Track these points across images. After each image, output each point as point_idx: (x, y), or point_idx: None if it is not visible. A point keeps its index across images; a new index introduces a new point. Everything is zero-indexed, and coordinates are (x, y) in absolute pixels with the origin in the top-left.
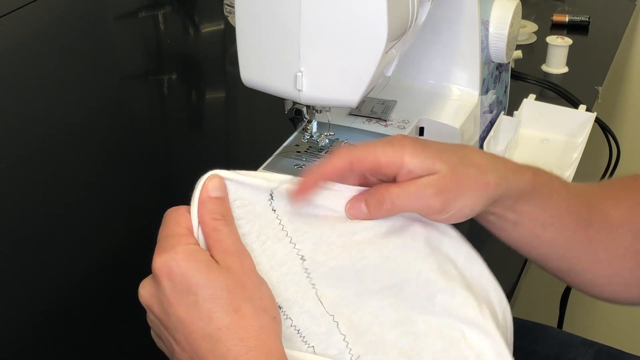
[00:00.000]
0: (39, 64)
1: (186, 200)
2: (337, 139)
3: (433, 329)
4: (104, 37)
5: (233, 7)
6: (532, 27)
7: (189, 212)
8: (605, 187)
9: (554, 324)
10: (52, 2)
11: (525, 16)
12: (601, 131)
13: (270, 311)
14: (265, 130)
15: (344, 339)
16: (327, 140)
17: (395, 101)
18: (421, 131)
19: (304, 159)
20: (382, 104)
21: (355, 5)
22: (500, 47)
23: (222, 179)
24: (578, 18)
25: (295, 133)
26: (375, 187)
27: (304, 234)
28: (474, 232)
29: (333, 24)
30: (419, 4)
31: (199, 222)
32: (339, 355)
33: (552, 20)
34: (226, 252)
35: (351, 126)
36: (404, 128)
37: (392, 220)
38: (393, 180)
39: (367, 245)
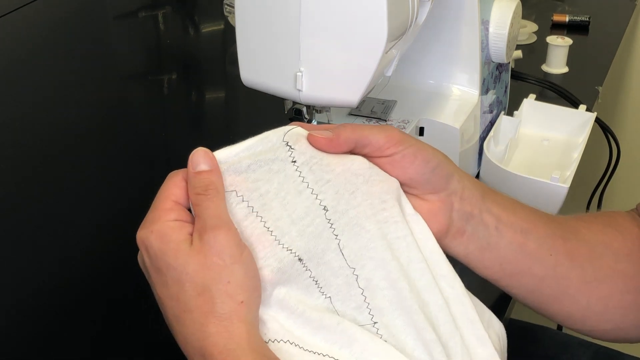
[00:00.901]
0: (39, 64)
1: None
2: None
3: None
4: (104, 37)
5: (233, 7)
6: (532, 27)
7: (185, 180)
8: (570, 216)
9: (553, 326)
10: (52, 2)
11: (525, 16)
12: (601, 131)
13: (236, 295)
14: (265, 130)
15: (362, 293)
16: None
17: (395, 101)
18: (421, 131)
19: None
20: (382, 104)
21: (355, 5)
22: (500, 47)
23: (205, 151)
24: (578, 18)
25: None
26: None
27: (326, 183)
28: None
29: (333, 24)
30: (419, 4)
31: None
32: (357, 309)
33: (552, 20)
34: (202, 229)
35: None
36: (404, 128)
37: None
38: None
39: (389, 196)
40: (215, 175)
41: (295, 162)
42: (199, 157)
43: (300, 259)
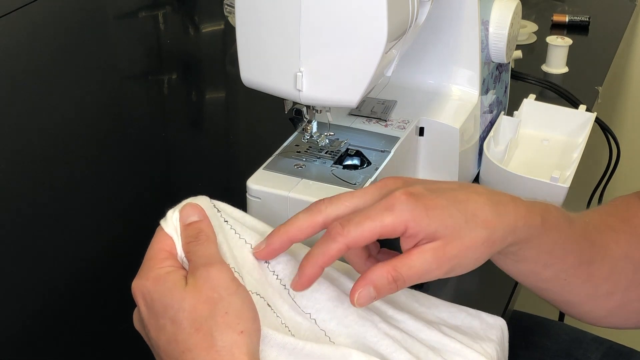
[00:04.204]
0: (39, 64)
1: (185, 199)
2: (337, 138)
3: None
4: (104, 37)
5: (233, 7)
6: (532, 27)
7: (177, 232)
8: (603, 217)
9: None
10: (52, 2)
11: (525, 16)
12: (601, 131)
13: (235, 325)
14: (265, 130)
15: (324, 334)
16: (327, 140)
17: (395, 101)
18: (421, 131)
19: (304, 159)
20: (382, 104)
21: (355, 5)
22: (500, 47)
23: (193, 205)
24: (578, 18)
25: (295, 133)
26: (378, 268)
27: (259, 240)
28: None
29: (333, 24)
30: (419, 4)
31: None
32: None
33: (552, 20)
34: (195, 269)
35: (351, 126)
36: (404, 128)
37: None
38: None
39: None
40: (205, 223)
41: (227, 221)
42: (188, 210)
43: (268, 304)
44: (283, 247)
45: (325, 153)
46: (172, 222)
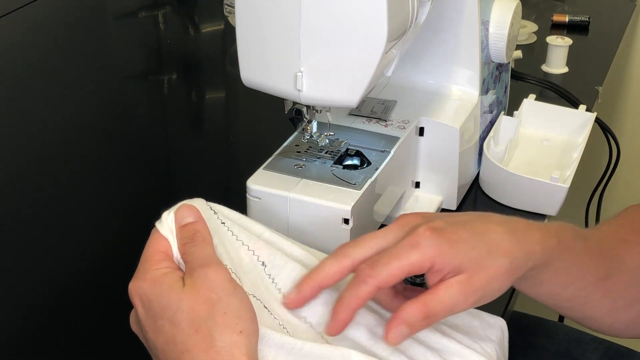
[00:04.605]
0: (39, 64)
1: (184, 199)
2: (337, 138)
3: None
4: (104, 37)
5: (233, 7)
6: (532, 27)
7: (172, 234)
8: (615, 230)
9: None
10: (52, 2)
11: (525, 16)
12: (601, 131)
13: (234, 326)
14: (265, 130)
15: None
16: (327, 140)
17: (395, 101)
18: (421, 131)
19: (304, 159)
20: (382, 104)
21: (355, 5)
22: (500, 47)
23: (188, 206)
24: (578, 18)
25: (295, 133)
26: (408, 306)
27: (258, 241)
28: None
29: (333, 24)
30: (419, 4)
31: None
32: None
33: (552, 20)
34: (191, 270)
35: (351, 126)
36: (404, 128)
37: None
38: None
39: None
40: (200, 224)
41: (224, 223)
42: (184, 211)
43: (265, 306)
44: (313, 294)
45: (325, 153)
46: (167, 224)
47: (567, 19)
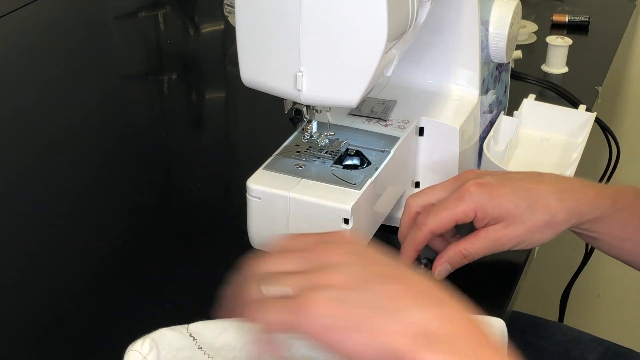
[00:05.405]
0: (39, 64)
1: (184, 199)
2: (337, 138)
3: None
4: (104, 37)
5: (233, 7)
6: (532, 27)
7: None
8: None
9: (561, 320)
10: (52, 2)
11: (525, 16)
12: (601, 131)
13: None
14: (265, 130)
15: None
16: (327, 140)
17: (395, 101)
18: (421, 131)
19: (303, 159)
20: (382, 104)
21: (355, 5)
22: (500, 47)
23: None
24: (578, 18)
25: (295, 133)
26: (451, 247)
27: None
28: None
29: (333, 24)
30: (419, 4)
31: None
32: None
33: (552, 20)
34: None
35: (351, 126)
36: (404, 128)
37: None
38: None
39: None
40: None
41: (201, 348)
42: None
43: None
44: (411, 243)
45: (325, 153)
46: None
47: (567, 19)
